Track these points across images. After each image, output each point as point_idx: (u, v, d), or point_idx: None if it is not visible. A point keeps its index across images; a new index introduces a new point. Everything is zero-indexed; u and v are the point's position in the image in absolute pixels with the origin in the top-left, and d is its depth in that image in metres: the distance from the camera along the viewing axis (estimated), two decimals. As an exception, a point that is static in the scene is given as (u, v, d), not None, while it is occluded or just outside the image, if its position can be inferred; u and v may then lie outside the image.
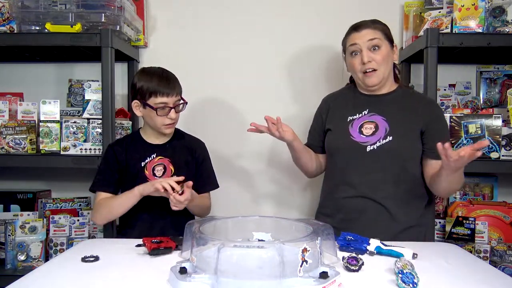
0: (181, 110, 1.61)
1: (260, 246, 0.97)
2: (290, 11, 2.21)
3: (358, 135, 1.53)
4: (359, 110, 1.58)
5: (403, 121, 1.52)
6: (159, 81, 1.53)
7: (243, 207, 2.25)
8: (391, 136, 1.49)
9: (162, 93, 1.52)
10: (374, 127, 1.52)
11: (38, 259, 1.91)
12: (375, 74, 1.53)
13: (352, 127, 1.56)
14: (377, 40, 1.51)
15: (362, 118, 1.56)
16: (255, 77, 2.23)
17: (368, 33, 1.52)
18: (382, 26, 1.55)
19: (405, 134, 1.50)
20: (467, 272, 1.11)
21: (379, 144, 1.49)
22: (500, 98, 2.15)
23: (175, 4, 2.23)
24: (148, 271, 1.08)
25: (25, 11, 1.84)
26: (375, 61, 1.51)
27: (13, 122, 1.90)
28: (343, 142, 1.55)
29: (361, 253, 1.23)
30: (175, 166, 1.62)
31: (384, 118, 1.53)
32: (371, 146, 1.50)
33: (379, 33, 1.52)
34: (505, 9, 1.79)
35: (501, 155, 1.80)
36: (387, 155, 1.48)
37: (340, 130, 1.58)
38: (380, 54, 1.51)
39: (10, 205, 2.09)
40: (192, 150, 1.68)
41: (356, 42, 1.53)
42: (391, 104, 1.56)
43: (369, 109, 1.56)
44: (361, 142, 1.51)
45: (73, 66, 2.26)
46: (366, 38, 1.51)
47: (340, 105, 1.65)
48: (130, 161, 1.60)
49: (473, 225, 1.84)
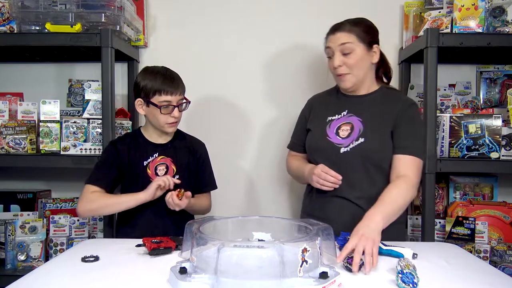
0: (184, 109, 1.62)
1: (260, 246, 0.96)
2: (292, 11, 2.21)
3: (334, 136, 1.55)
4: (338, 111, 1.60)
5: (377, 122, 1.53)
6: (163, 79, 1.54)
7: (243, 207, 2.26)
8: (363, 137, 1.51)
9: (166, 91, 1.53)
10: (350, 129, 1.54)
11: (38, 259, 1.91)
12: (347, 78, 1.54)
13: (330, 128, 1.58)
14: (349, 45, 1.51)
15: (340, 119, 1.58)
16: (256, 77, 2.23)
17: (342, 36, 1.52)
18: (360, 28, 1.53)
19: (377, 135, 1.51)
20: (467, 272, 1.11)
21: (352, 146, 1.51)
22: (500, 98, 2.15)
23: (175, 4, 2.23)
24: (148, 271, 1.08)
25: (25, 11, 1.83)
26: (346, 65, 1.52)
27: (13, 122, 1.90)
28: (320, 143, 1.57)
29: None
30: (177, 166, 1.62)
31: (360, 119, 1.55)
32: (345, 148, 1.52)
33: (354, 36, 1.51)
34: (505, 9, 1.78)
35: (501, 155, 1.80)
36: (359, 157, 1.50)
37: (318, 130, 1.60)
38: (352, 58, 1.51)
39: (10, 205, 2.09)
40: (194, 151, 1.69)
41: (330, 45, 1.55)
42: (370, 105, 1.58)
43: (348, 110, 1.58)
44: (336, 144, 1.53)
45: (73, 66, 2.26)
46: (339, 42, 1.51)
47: (322, 105, 1.68)
48: (132, 159, 1.60)
49: (473, 225, 1.83)
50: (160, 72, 1.57)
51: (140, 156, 1.60)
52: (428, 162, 1.76)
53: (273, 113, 2.23)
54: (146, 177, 1.58)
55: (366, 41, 1.53)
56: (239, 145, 2.24)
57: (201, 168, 1.70)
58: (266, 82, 2.23)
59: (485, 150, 1.80)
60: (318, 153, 1.58)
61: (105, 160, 1.61)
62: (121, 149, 1.60)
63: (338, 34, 1.52)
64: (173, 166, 1.62)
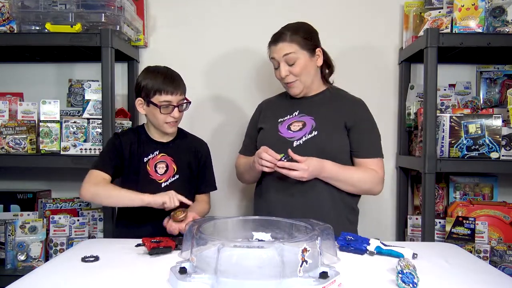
0: (185, 109, 1.61)
1: (260, 246, 0.96)
2: (294, 10, 2.20)
3: (286, 131, 1.58)
4: (290, 112, 1.63)
5: (329, 118, 1.57)
6: (164, 79, 1.54)
7: (243, 207, 2.25)
8: (316, 131, 1.53)
9: (167, 91, 1.52)
10: (302, 125, 1.57)
11: (38, 259, 1.91)
12: (295, 85, 1.58)
13: (282, 125, 1.61)
14: (292, 55, 1.53)
15: (292, 118, 1.61)
16: (256, 77, 2.23)
17: (284, 47, 1.53)
18: (300, 35, 1.54)
19: (330, 129, 1.55)
20: (467, 272, 1.11)
21: (305, 139, 1.53)
22: (500, 98, 2.15)
23: (175, 4, 2.23)
24: (148, 271, 1.08)
25: (25, 11, 1.83)
26: (292, 74, 1.55)
27: (13, 122, 1.90)
28: (272, 138, 1.58)
29: (361, 253, 1.23)
30: (177, 165, 1.62)
31: (312, 117, 1.58)
32: (298, 141, 1.53)
33: (295, 45, 1.53)
34: (505, 9, 1.78)
35: (501, 155, 1.80)
36: (312, 149, 1.51)
37: (270, 128, 1.63)
38: (297, 66, 1.54)
39: (10, 205, 2.09)
40: (196, 151, 1.69)
41: (274, 56, 1.57)
42: (320, 104, 1.61)
43: (299, 111, 1.61)
44: (288, 138, 1.56)
45: (73, 66, 2.26)
46: (282, 53, 1.53)
47: (273, 107, 1.71)
48: (134, 153, 1.60)
49: (473, 225, 1.83)
50: (161, 71, 1.57)
51: (141, 152, 1.60)
52: (428, 162, 1.76)
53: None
54: (145, 174, 1.58)
55: (308, 47, 1.55)
56: (239, 145, 2.23)
57: (202, 168, 1.70)
58: (267, 81, 2.23)
59: (485, 150, 1.80)
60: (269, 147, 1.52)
61: (109, 150, 1.60)
62: (124, 141, 1.60)
63: (280, 44, 1.54)
64: (174, 165, 1.61)
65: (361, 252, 1.23)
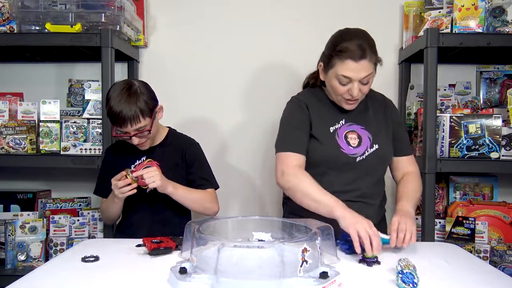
0: (145, 136, 1.53)
1: (260, 246, 0.96)
2: (291, 12, 2.21)
3: (346, 146, 1.49)
4: (337, 119, 1.53)
5: (379, 127, 1.54)
6: (112, 116, 1.49)
7: (243, 207, 2.25)
8: (376, 144, 1.51)
9: (118, 126, 1.50)
10: (357, 137, 1.51)
11: (38, 259, 1.91)
12: (356, 102, 1.49)
13: (339, 137, 1.50)
14: (370, 75, 1.41)
15: (343, 128, 1.52)
16: (256, 77, 2.23)
17: (365, 67, 1.38)
18: (375, 52, 1.43)
19: (385, 139, 1.54)
20: (467, 272, 1.11)
21: (367, 154, 1.50)
22: (500, 98, 2.15)
23: (175, 4, 2.23)
24: (148, 271, 1.08)
25: (25, 11, 1.84)
26: (361, 93, 1.44)
27: (13, 122, 1.90)
28: (334, 155, 1.48)
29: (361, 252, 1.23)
30: (163, 169, 1.58)
31: (362, 127, 1.52)
32: (361, 157, 1.49)
33: (373, 66, 1.41)
34: (505, 9, 1.79)
35: (501, 155, 1.80)
36: (375, 162, 1.51)
37: (328, 141, 1.50)
38: (368, 86, 1.46)
39: (10, 205, 2.09)
40: (183, 152, 1.65)
41: (350, 76, 1.39)
42: (361, 110, 1.55)
43: (345, 119, 1.53)
44: (350, 155, 1.48)
45: (73, 66, 2.26)
46: (362, 74, 1.39)
47: (318, 111, 1.54)
48: (120, 163, 1.58)
49: (473, 225, 1.83)
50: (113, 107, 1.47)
51: (127, 160, 1.61)
52: (428, 162, 1.76)
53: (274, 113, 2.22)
54: None
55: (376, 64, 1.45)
56: (239, 145, 2.24)
57: (191, 168, 1.66)
58: (268, 81, 2.23)
59: (485, 150, 1.80)
60: (330, 164, 1.49)
61: (102, 169, 1.69)
62: (110, 155, 1.68)
63: (362, 62, 1.38)
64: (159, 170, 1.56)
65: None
